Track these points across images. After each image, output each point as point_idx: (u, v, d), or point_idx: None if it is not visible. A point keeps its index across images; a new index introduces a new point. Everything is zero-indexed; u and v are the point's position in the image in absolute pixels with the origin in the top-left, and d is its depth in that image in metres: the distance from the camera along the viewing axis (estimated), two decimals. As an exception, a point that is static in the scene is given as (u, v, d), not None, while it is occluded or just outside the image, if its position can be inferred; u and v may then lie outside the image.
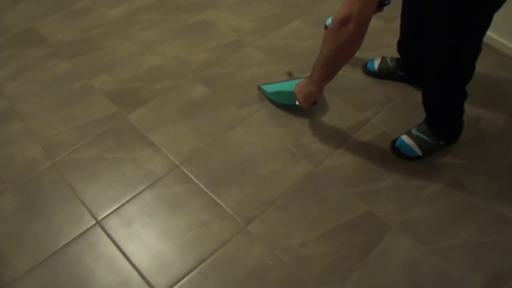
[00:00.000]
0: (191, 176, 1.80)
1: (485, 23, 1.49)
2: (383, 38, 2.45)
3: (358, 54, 2.16)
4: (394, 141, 1.93)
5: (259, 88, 2.18)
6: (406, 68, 2.18)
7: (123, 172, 1.82)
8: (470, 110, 1.80)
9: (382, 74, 2.25)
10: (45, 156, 1.94)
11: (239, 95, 2.15)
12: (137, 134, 1.97)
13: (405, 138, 1.91)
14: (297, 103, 1.93)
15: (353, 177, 1.82)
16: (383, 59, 2.25)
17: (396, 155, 1.91)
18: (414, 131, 1.90)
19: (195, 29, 2.58)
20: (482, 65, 1.58)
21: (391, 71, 2.23)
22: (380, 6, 1.67)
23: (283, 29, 2.57)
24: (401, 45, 2.13)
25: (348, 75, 2.23)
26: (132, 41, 2.48)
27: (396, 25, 1.98)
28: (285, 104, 2.08)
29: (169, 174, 1.82)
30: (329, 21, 2.20)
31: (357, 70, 2.30)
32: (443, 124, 1.87)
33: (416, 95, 2.15)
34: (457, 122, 1.87)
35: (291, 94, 1.94)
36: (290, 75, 2.26)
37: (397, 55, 2.21)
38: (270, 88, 2.13)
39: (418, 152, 1.88)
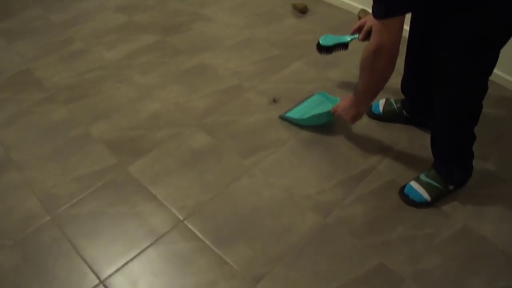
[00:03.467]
0: (196, 232, 1.80)
1: (493, 62, 1.57)
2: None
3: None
4: (403, 187, 1.96)
5: (283, 118, 2.26)
6: (411, 109, 2.22)
7: (126, 228, 1.83)
8: (476, 149, 1.83)
9: (387, 117, 2.29)
10: (43, 209, 1.93)
11: (242, 143, 2.18)
12: (138, 187, 1.98)
13: (413, 184, 1.94)
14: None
15: (363, 228, 1.84)
16: (387, 101, 2.28)
17: (405, 202, 1.93)
18: (423, 177, 1.93)
19: (194, 73, 2.62)
20: (485, 102, 1.62)
21: (396, 113, 2.27)
22: None
23: (284, 71, 2.62)
24: (405, 84, 2.18)
25: (353, 119, 2.24)
26: (130, 85, 2.51)
27: (399, 63, 2.01)
28: (318, 124, 2.21)
29: (173, 230, 1.82)
30: (322, 39, 2.34)
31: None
32: (452, 168, 1.90)
33: (422, 138, 2.19)
34: (466, 166, 1.90)
35: (326, 114, 2.13)
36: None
37: (400, 96, 2.25)
38: (297, 114, 2.24)
39: (427, 198, 1.90)
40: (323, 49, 2.40)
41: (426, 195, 1.91)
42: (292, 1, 3.25)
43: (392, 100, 2.27)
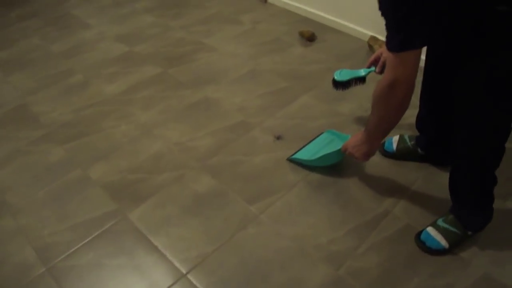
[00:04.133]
0: (200, 287, 1.69)
1: None
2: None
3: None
4: (419, 233, 1.86)
5: (291, 160, 2.18)
6: (426, 146, 2.14)
7: (126, 282, 1.76)
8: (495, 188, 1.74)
9: (401, 155, 2.21)
10: (38, 260, 1.85)
11: (248, 187, 2.09)
12: (139, 237, 1.90)
13: (430, 230, 1.85)
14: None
15: (378, 281, 1.74)
16: (401, 138, 2.20)
17: (421, 249, 1.84)
18: (441, 222, 1.85)
19: (198, 109, 2.55)
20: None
21: (410, 151, 2.19)
22: None
23: (291, 106, 2.54)
24: (421, 120, 2.09)
25: (365, 158, 2.14)
26: (130, 122, 2.43)
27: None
28: (329, 164, 2.12)
29: (176, 285, 1.74)
30: (336, 74, 2.24)
31: (374, 152, 2.21)
32: (471, 213, 1.81)
33: (438, 176, 2.10)
34: (486, 210, 1.80)
35: (336, 153, 2.04)
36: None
37: (414, 132, 2.18)
38: (306, 155, 2.16)
39: (445, 245, 1.81)
40: (339, 85, 2.33)
41: (443, 242, 1.81)
42: (299, 28, 3.16)
43: (406, 137, 2.19)
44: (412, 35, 1.40)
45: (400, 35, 1.41)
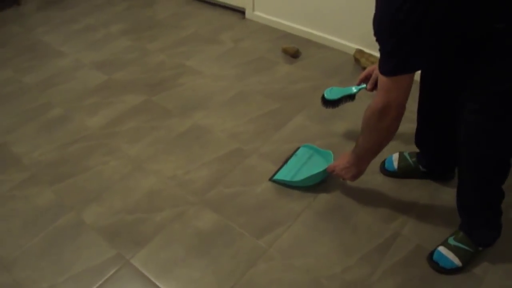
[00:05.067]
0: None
1: None
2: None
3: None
4: (431, 254, 1.85)
5: (273, 181, 2.15)
6: (428, 163, 2.13)
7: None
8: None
9: (403, 173, 2.19)
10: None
11: (253, 219, 2.04)
12: (146, 283, 1.84)
13: (442, 249, 1.84)
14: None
15: (397, 308, 1.67)
16: (401, 155, 2.18)
17: (435, 270, 1.83)
18: (451, 241, 1.83)
19: (189, 138, 2.49)
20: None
21: (412, 168, 2.17)
22: None
23: (285, 129, 2.51)
24: (420, 138, 2.08)
25: (367, 179, 2.13)
26: (119, 158, 2.35)
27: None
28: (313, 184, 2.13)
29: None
30: (327, 93, 2.24)
31: (375, 170, 2.24)
32: (481, 229, 1.81)
33: (442, 192, 2.11)
34: (495, 225, 1.80)
35: (321, 174, 2.06)
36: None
37: (412, 148, 2.18)
38: (288, 174, 2.15)
39: (458, 263, 1.81)
40: (329, 104, 2.31)
41: (456, 261, 1.81)
42: (282, 45, 3.12)
43: (407, 154, 2.17)
44: (406, 59, 1.39)
45: (394, 59, 1.40)
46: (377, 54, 1.47)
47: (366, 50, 2.91)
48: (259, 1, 3.51)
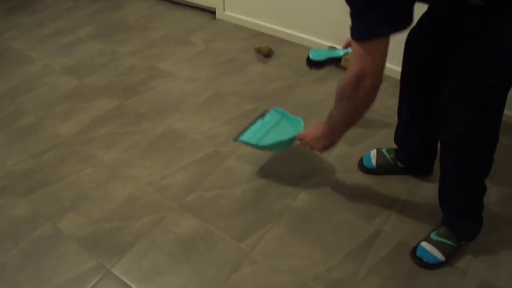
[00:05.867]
0: None
1: (502, 110, 1.49)
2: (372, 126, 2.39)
3: (348, 149, 2.22)
4: (414, 249, 1.86)
5: (238, 141, 2.10)
6: (407, 159, 2.14)
7: None
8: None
9: (381, 170, 2.20)
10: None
11: (234, 222, 2.02)
12: (128, 292, 1.76)
13: (425, 245, 1.84)
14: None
15: (383, 306, 1.67)
16: (379, 152, 2.19)
17: (419, 266, 1.83)
18: (434, 236, 1.84)
19: (164, 142, 2.45)
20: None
21: (391, 165, 2.18)
22: None
23: (262, 129, 2.43)
24: (401, 134, 2.08)
25: (345, 177, 2.15)
26: (94, 165, 2.31)
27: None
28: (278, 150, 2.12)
29: None
30: (312, 53, 2.15)
31: (353, 169, 2.25)
32: (463, 223, 1.82)
33: (422, 188, 2.11)
34: (477, 219, 1.82)
35: (289, 141, 1.98)
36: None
37: (388, 145, 2.19)
38: (254, 137, 2.09)
39: (442, 258, 1.82)
40: (314, 65, 2.28)
41: (440, 256, 1.82)
42: (254, 44, 3.10)
43: (384, 151, 2.18)
44: (379, 21, 1.34)
45: (366, 22, 1.35)
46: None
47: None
48: (229, 0, 3.48)
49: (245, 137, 2.12)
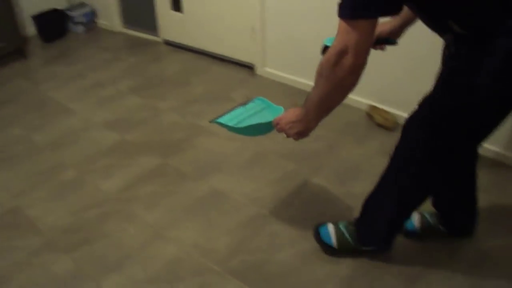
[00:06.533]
0: None
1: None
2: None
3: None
4: (320, 225, 2.13)
5: (214, 122, 2.05)
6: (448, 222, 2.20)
7: None
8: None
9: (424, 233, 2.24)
10: None
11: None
12: None
13: (330, 227, 2.09)
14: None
15: None
16: (422, 215, 2.22)
17: (315, 239, 2.12)
18: (342, 227, 2.08)
19: (207, 203, 2.47)
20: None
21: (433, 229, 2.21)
22: (383, 43, 1.77)
23: (304, 191, 2.53)
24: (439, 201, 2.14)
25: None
26: (137, 224, 2.34)
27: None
28: (255, 135, 2.10)
29: None
30: (327, 41, 2.12)
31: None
32: (374, 235, 2.00)
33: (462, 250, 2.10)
34: (390, 239, 1.99)
35: (266, 125, 1.92)
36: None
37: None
38: (233, 120, 2.04)
39: (336, 246, 2.08)
40: None
41: (335, 242, 2.09)
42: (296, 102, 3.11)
43: (427, 214, 2.20)
44: (369, 1, 1.35)
45: (356, 1, 1.36)
46: (391, 109, 1.47)
47: (379, 106, 2.93)
48: (269, 57, 3.54)
49: (223, 119, 2.05)
